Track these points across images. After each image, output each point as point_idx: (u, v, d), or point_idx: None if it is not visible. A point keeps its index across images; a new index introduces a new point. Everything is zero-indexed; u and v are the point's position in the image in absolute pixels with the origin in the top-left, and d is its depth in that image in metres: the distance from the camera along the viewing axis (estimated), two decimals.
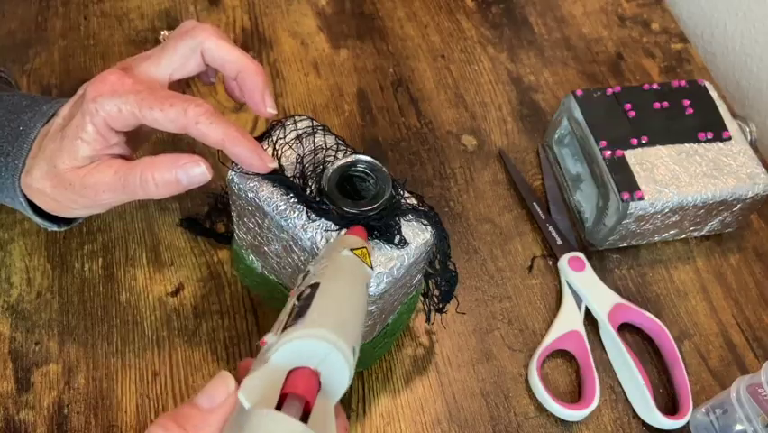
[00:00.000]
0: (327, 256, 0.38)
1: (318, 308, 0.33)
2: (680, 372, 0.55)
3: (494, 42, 0.75)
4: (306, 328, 0.31)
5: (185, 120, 0.41)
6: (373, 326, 0.47)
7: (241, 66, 0.44)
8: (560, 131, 0.64)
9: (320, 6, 0.76)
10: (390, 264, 0.42)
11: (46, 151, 0.44)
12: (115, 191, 0.43)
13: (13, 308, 0.54)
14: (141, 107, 0.41)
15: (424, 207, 0.45)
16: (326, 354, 0.31)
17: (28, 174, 0.45)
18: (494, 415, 0.53)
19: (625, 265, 0.61)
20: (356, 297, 0.36)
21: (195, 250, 0.58)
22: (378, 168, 0.45)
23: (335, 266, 0.37)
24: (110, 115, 0.41)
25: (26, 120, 0.46)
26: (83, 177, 0.43)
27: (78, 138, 0.42)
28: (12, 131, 0.46)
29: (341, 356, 0.31)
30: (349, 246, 0.39)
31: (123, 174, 0.43)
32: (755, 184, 0.58)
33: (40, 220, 0.48)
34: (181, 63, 0.44)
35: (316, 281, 0.35)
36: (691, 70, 0.75)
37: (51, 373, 0.52)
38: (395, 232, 0.43)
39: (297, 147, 0.46)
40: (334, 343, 0.31)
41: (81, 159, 0.43)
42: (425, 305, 0.52)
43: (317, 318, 0.32)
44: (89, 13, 0.73)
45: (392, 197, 0.44)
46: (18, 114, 0.47)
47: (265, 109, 0.45)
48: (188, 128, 0.41)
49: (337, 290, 0.35)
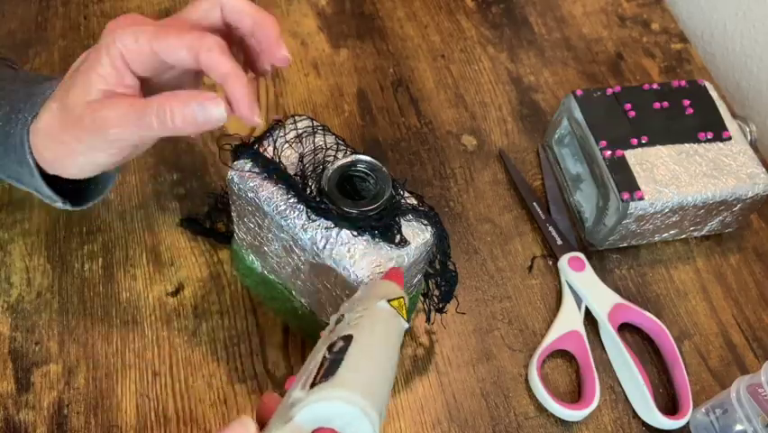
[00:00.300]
0: (362, 303, 0.37)
1: (350, 368, 0.32)
2: (680, 372, 0.55)
3: (494, 42, 0.75)
4: (336, 390, 0.31)
5: (199, 44, 0.41)
6: None
7: (257, 17, 0.44)
8: (560, 131, 0.64)
9: (320, 6, 0.76)
10: (390, 264, 0.42)
11: (59, 90, 0.44)
12: (128, 124, 0.42)
13: (13, 308, 0.54)
14: (158, 36, 0.41)
15: (424, 207, 0.45)
16: (353, 418, 0.31)
17: (38, 120, 0.44)
18: (494, 415, 0.53)
19: (625, 265, 0.61)
20: (389, 355, 0.35)
21: (195, 250, 0.58)
22: (378, 168, 0.45)
23: (371, 319, 0.36)
24: (126, 47, 0.41)
25: (44, 88, 0.46)
26: (95, 109, 0.42)
27: (93, 71, 0.42)
28: (25, 93, 0.46)
29: (367, 422, 0.31)
30: (386, 296, 0.37)
31: (140, 105, 0.42)
32: (755, 184, 0.58)
33: (46, 189, 0.47)
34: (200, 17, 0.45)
35: (350, 333, 0.34)
36: (691, 70, 0.75)
37: (51, 373, 0.52)
38: (395, 232, 0.43)
39: (297, 147, 0.46)
40: (363, 408, 0.31)
41: (95, 92, 0.42)
42: (425, 305, 0.52)
43: (348, 380, 0.31)
44: (89, 13, 0.73)
45: (392, 197, 0.44)
46: (33, 84, 0.47)
47: (278, 53, 0.45)
48: (200, 54, 0.41)
49: (371, 347, 0.34)
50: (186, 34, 0.41)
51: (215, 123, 0.41)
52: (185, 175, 0.62)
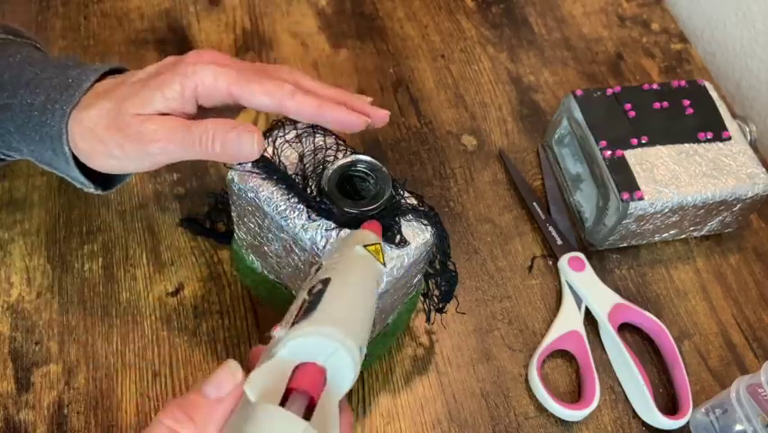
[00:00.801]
0: (340, 251, 0.38)
1: (328, 305, 0.33)
2: (680, 372, 0.55)
3: (494, 42, 0.75)
4: (315, 325, 0.32)
5: (281, 93, 0.43)
6: (373, 325, 0.47)
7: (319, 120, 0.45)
8: (560, 131, 0.64)
9: (320, 6, 0.76)
10: (390, 264, 0.42)
11: (117, 93, 0.44)
12: (172, 141, 0.43)
13: (13, 308, 0.54)
14: (239, 80, 0.43)
15: (424, 206, 0.45)
16: (333, 352, 0.32)
17: (84, 110, 0.45)
18: (494, 415, 0.53)
19: (625, 265, 0.61)
20: (366, 295, 0.37)
21: (195, 250, 0.58)
22: (378, 168, 0.45)
23: (348, 262, 0.37)
24: (203, 82, 0.43)
25: (75, 74, 0.46)
26: (142, 121, 0.43)
27: (160, 91, 0.43)
28: (60, 82, 0.46)
29: (347, 355, 0.32)
30: (363, 242, 0.39)
31: (187, 126, 0.43)
32: (755, 184, 0.58)
33: (81, 177, 0.48)
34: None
35: (327, 277, 0.35)
36: (691, 70, 0.75)
37: (51, 373, 0.52)
38: (395, 232, 0.43)
39: (297, 146, 0.46)
40: (342, 341, 0.31)
41: (151, 109, 0.43)
42: (425, 305, 0.52)
43: (326, 315, 0.32)
44: (89, 13, 0.73)
45: (392, 196, 0.44)
46: (65, 70, 0.47)
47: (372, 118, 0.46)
48: (284, 102, 0.43)
49: (348, 287, 0.35)
50: (267, 81, 0.43)
51: (247, 156, 0.43)
52: (185, 175, 0.62)
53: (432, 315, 0.52)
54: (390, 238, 0.43)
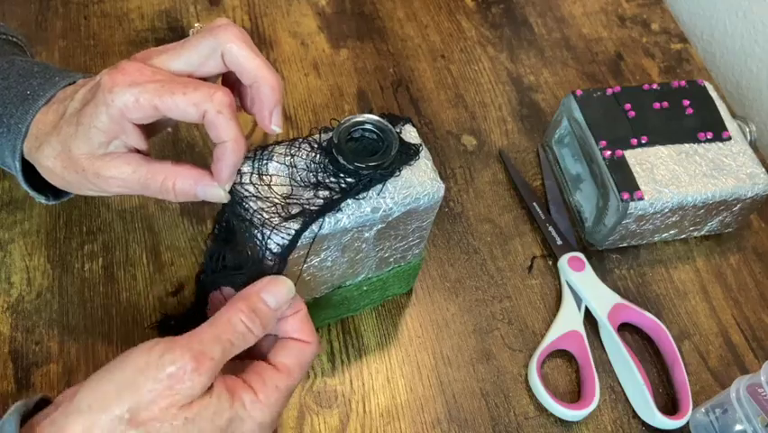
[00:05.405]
0: None
1: None
2: (679, 372, 0.55)
3: (494, 42, 0.75)
4: None
5: (208, 104, 0.40)
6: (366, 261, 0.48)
7: (259, 76, 0.42)
8: (560, 131, 0.64)
9: (320, 6, 0.76)
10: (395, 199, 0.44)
11: (61, 132, 0.43)
12: (130, 188, 0.43)
13: (14, 308, 0.54)
14: (162, 94, 0.40)
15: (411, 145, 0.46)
16: None
17: (39, 151, 0.44)
18: (494, 415, 0.53)
19: (625, 265, 0.61)
20: None
21: (195, 250, 0.58)
22: (383, 126, 0.45)
23: None
24: (126, 106, 0.40)
25: (35, 85, 0.46)
26: (98, 167, 0.42)
27: (93, 127, 0.42)
28: (19, 93, 0.46)
29: None
30: None
31: (144, 176, 0.42)
32: (755, 184, 0.58)
33: (30, 190, 0.48)
34: (200, 62, 0.43)
35: None
36: (691, 70, 0.75)
37: (51, 373, 0.52)
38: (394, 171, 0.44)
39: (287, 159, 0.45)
40: None
41: (97, 145, 0.42)
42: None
43: None
44: (89, 13, 0.73)
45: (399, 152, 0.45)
46: (28, 78, 0.46)
47: (270, 125, 0.44)
48: (208, 114, 0.40)
49: None
50: (192, 92, 0.40)
51: (216, 200, 0.43)
52: None
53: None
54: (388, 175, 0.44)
